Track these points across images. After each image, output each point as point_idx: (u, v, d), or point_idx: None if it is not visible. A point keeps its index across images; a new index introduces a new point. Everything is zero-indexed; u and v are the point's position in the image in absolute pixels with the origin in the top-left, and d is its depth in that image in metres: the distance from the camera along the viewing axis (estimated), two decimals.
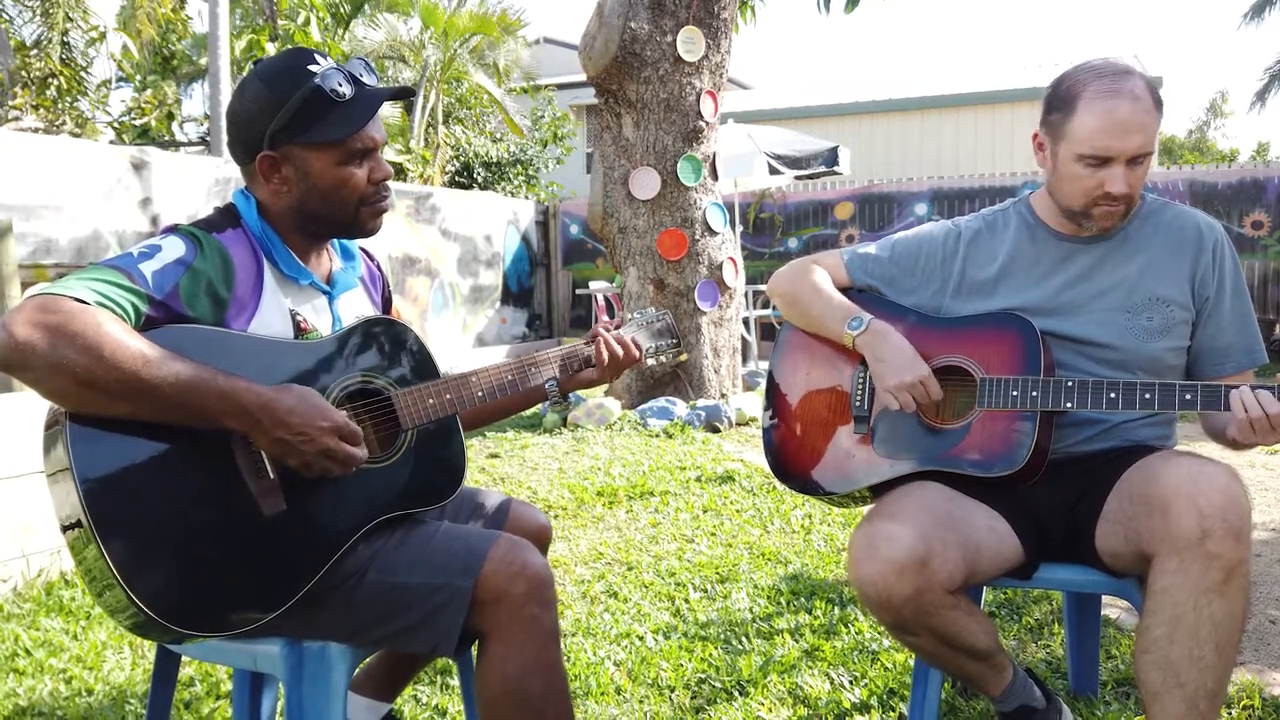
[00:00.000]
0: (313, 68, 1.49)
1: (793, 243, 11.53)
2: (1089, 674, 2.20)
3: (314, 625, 1.47)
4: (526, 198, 13.32)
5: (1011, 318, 1.83)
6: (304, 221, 1.56)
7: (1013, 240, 1.91)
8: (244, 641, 1.49)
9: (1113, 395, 1.67)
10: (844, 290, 2.00)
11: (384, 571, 1.48)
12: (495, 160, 13.80)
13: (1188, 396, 1.62)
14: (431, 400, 1.57)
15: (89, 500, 1.25)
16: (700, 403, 5.73)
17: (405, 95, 1.58)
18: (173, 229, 1.48)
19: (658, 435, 5.34)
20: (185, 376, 1.29)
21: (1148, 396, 1.65)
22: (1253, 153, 21.15)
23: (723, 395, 6.09)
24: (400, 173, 12.59)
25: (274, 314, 1.51)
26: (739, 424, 5.77)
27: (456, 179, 14.02)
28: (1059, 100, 1.77)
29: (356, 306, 1.70)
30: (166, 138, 14.96)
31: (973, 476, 1.77)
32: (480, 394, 1.64)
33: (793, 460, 1.98)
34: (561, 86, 16.78)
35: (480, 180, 13.56)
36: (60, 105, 10.04)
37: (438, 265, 10.87)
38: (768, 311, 10.00)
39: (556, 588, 1.54)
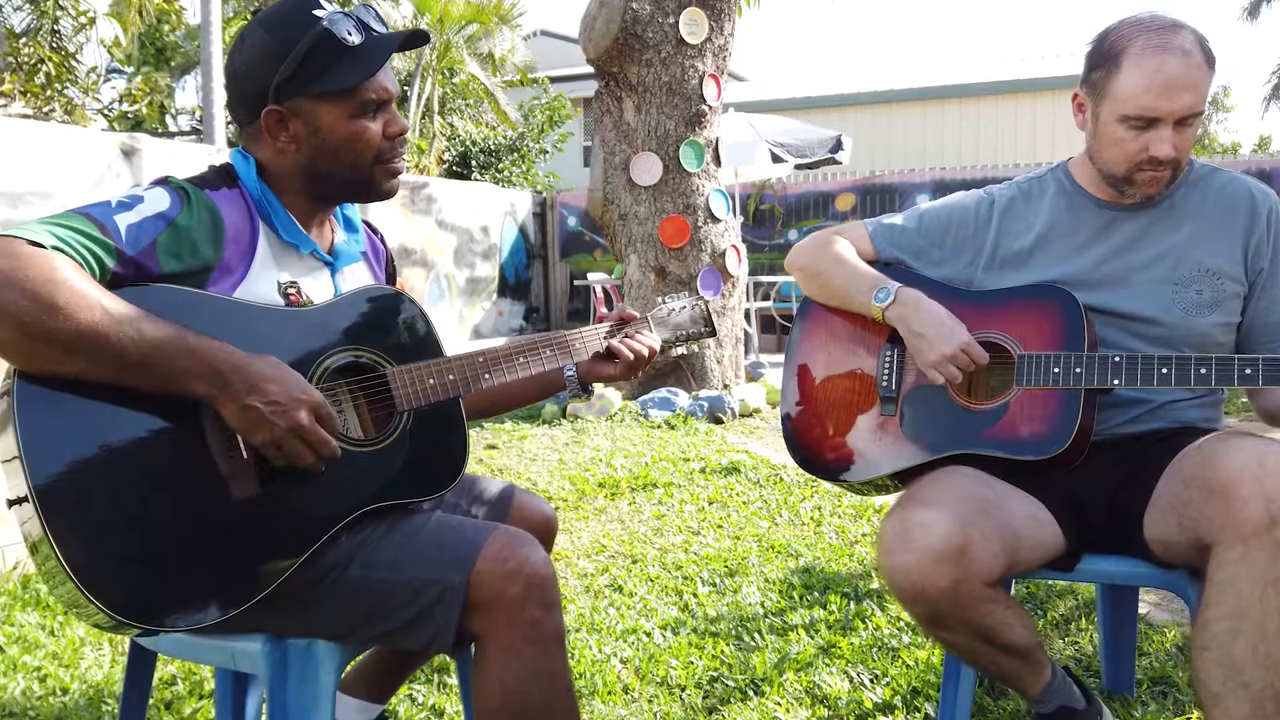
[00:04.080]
0: (318, 12, 1.36)
1: (793, 234, 11.41)
2: (1124, 672, 2.08)
3: (295, 622, 1.34)
4: (523, 189, 13.17)
5: (1051, 289, 1.70)
6: (313, 183, 1.43)
7: (1050, 208, 1.79)
8: (221, 638, 1.36)
9: (1165, 371, 1.55)
10: (870, 264, 1.88)
11: (368, 566, 1.35)
12: (491, 147, 13.64)
13: (1248, 371, 1.50)
14: (432, 380, 1.44)
15: (35, 474, 1.12)
16: (703, 393, 5.61)
17: (419, 41, 1.45)
18: (162, 181, 1.35)
19: (660, 426, 5.22)
20: (149, 331, 1.16)
21: (1204, 372, 1.52)
22: (1254, 146, 21.06)
23: (725, 386, 5.97)
24: None
25: (263, 283, 1.38)
26: (742, 415, 5.64)
27: (454, 169, 13.86)
28: (1102, 56, 1.64)
29: (360, 281, 1.57)
30: (159, 129, 14.78)
31: (1009, 460, 1.64)
32: (488, 376, 1.50)
33: (814, 445, 1.86)
34: (558, 79, 16.62)
35: (476, 166, 13.41)
36: (50, 92, 9.88)
37: (434, 256, 10.74)
38: (768, 304, 9.87)
39: (559, 581, 1.41)
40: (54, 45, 10.39)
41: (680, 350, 1.80)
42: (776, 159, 8.22)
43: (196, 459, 1.24)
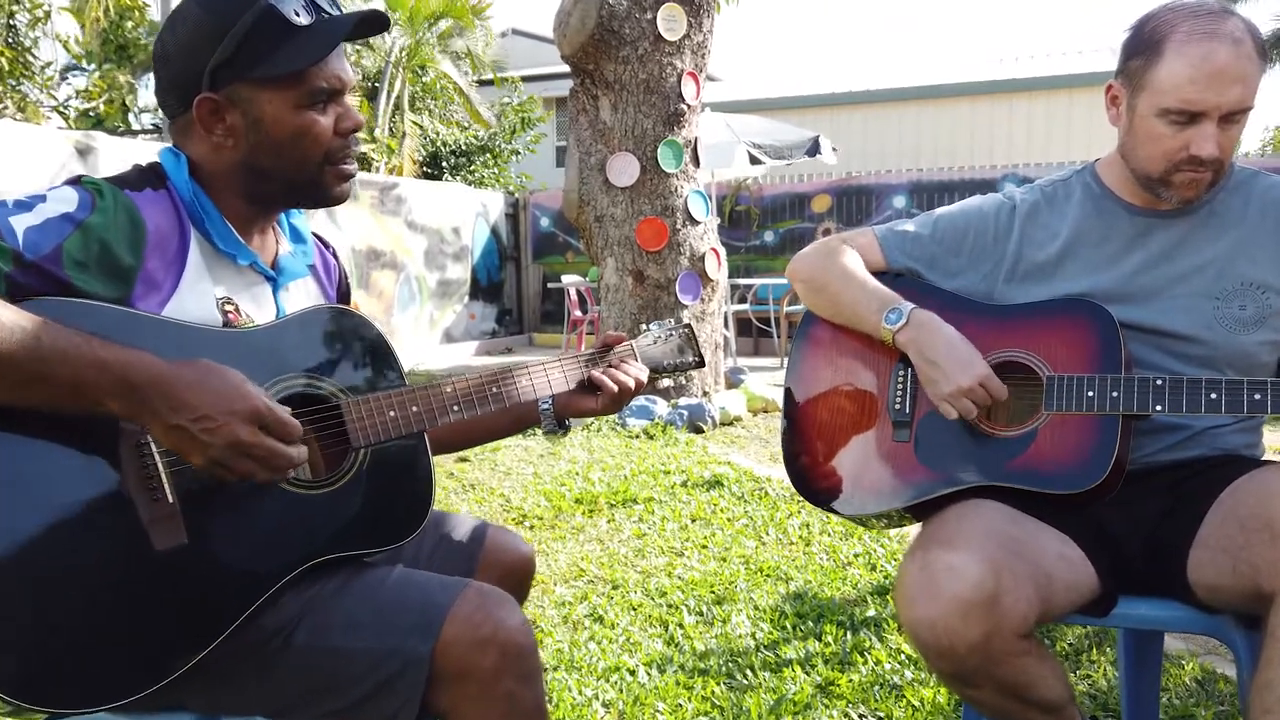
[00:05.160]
0: None
1: (769, 236, 11.27)
2: (1148, 713, 1.92)
3: (230, 697, 1.15)
4: (496, 189, 12.94)
5: (1082, 304, 1.54)
6: (252, 183, 1.23)
7: (1077, 214, 1.63)
8: (143, 717, 1.17)
9: (1214, 396, 1.39)
10: (878, 275, 1.71)
11: (318, 631, 1.16)
12: (462, 148, 13.40)
13: None
14: (393, 413, 1.25)
15: None
16: (682, 401, 5.43)
17: (377, 25, 1.27)
18: (74, 180, 1.16)
19: (638, 436, 5.04)
20: (49, 341, 0.97)
21: (1258, 398, 1.37)
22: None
23: (705, 394, 5.80)
24: (365, 163, 12.16)
25: (197, 299, 1.19)
26: (723, 424, 5.48)
27: (425, 169, 13.61)
28: (1142, 43, 1.48)
29: (306, 299, 1.38)
30: (121, 127, 14.40)
31: (1036, 493, 1.48)
32: (455, 408, 1.32)
33: (818, 474, 1.69)
34: (530, 79, 16.40)
35: (448, 167, 13.15)
36: (2, 88, 9.52)
37: (404, 258, 10.48)
38: (745, 306, 9.72)
39: (534, 611, 1.23)
40: (8, 41, 10.03)
41: (666, 383, 1.62)
42: (754, 160, 8.06)
43: (110, 502, 1.05)
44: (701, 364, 1.73)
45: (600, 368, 1.52)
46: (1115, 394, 1.45)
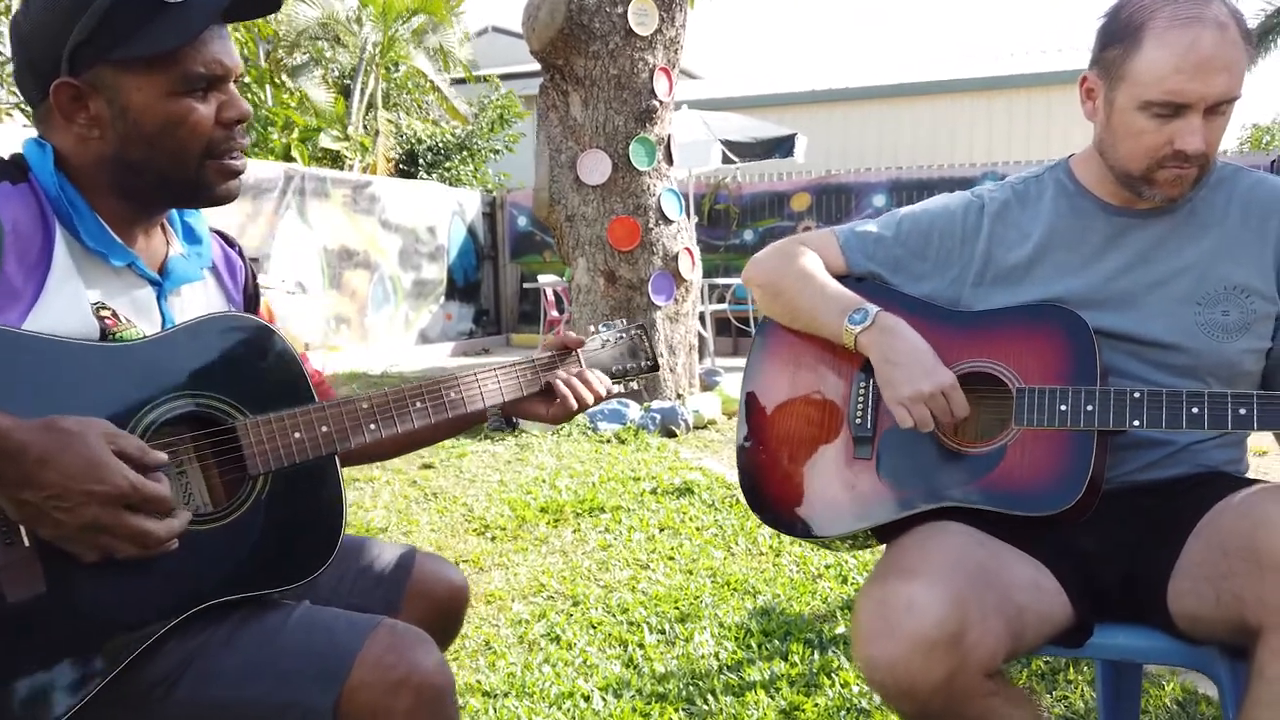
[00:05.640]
0: None
1: (748, 235, 11.18)
2: None
3: None
4: (473, 188, 12.78)
5: (1054, 310, 1.44)
6: (125, 179, 1.10)
7: (1050, 214, 1.52)
8: None
9: (1195, 410, 1.29)
10: (840, 279, 1.60)
11: (205, 682, 1.03)
12: (439, 145, 13.22)
13: None
14: (299, 434, 1.13)
15: None
16: (655, 405, 5.32)
17: (265, 6, 1.14)
18: None
19: (609, 441, 4.91)
20: None
21: (1243, 412, 1.26)
22: None
23: (679, 396, 5.69)
24: (338, 161, 11.97)
25: (66, 305, 1.06)
26: (697, 427, 5.36)
27: (400, 167, 13.43)
28: (1119, 31, 1.37)
29: (201, 305, 1.24)
30: None
31: (1006, 515, 1.37)
32: (372, 425, 1.19)
33: (775, 494, 1.57)
34: (509, 77, 16.23)
35: (425, 164, 12.97)
36: None
37: (378, 258, 10.32)
38: (723, 306, 9.62)
39: (489, 630, 1.11)
40: None
41: (617, 389, 1.49)
42: (728, 159, 7.95)
43: None
44: (655, 368, 1.61)
45: (561, 374, 1.40)
46: (1090, 408, 1.34)
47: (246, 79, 10.62)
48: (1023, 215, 1.54)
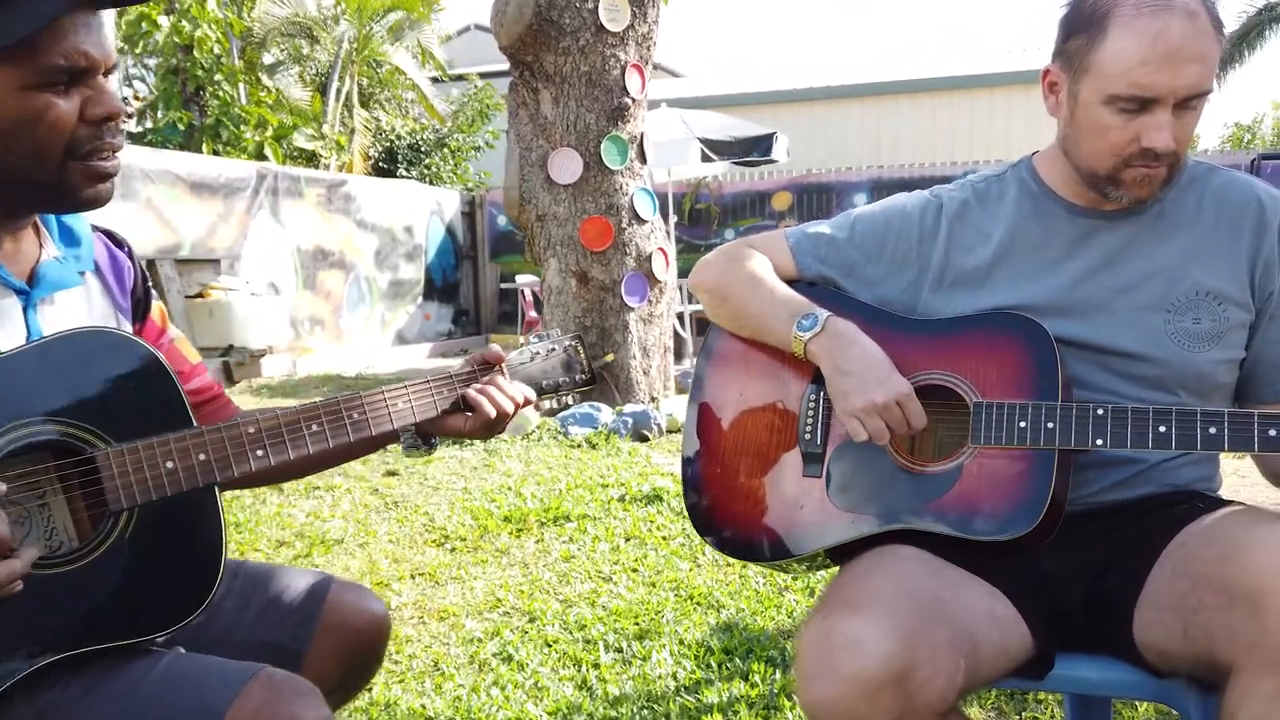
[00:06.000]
0: None
1: (730, 234, 11.09)
2: None
3: None
4: (452, 187, 12.64)
5: (1014, 319, 1.34)
6: None
7: (1012, 215, 1.43)
8: None
9: (1162, 429, 1.19)
10: (790, 283, 1.50)
11: None
12: (418, 143, 13.08)
13: (1272, 433, 1.14)
14: (171, 464, 1.01)
15: None
16: (627, 408, 5.21)
17: None
18: None
19: (579, 446, 4.81)
20: None
21: (1213, 432, 1.17)
22: None
23: (652, 399, 5.58)
24: (313, 159, 11.81)
25: None
26: (670, 431, 5.25)
27: (380, 165, 13.27)
28: (1082, 19, 1.28)
29: (80, 314, 1.13)
30: None
31: (963, 539, 1.28)
32: (260, 451, 1.08)
33: (720, 513, 1.47)
34: (489, 75, 16.10)
35: (403, 162, 12.83)
36: None
37: (353, 258, 10.17)
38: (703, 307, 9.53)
39: (439, 650, 1.00)
40: None
41: (547, 404, 1.39)
42: (707, 158, 7.86)
43: None
44: (591, 382, 1.50)
45: (478, 386, 1.30)
46: (1051, 425, 1.25)
47: (218, 76, 10.46)
48: (983, 216, 1.45)
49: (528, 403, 1.31)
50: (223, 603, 1.25)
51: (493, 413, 1.28)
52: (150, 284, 1.23)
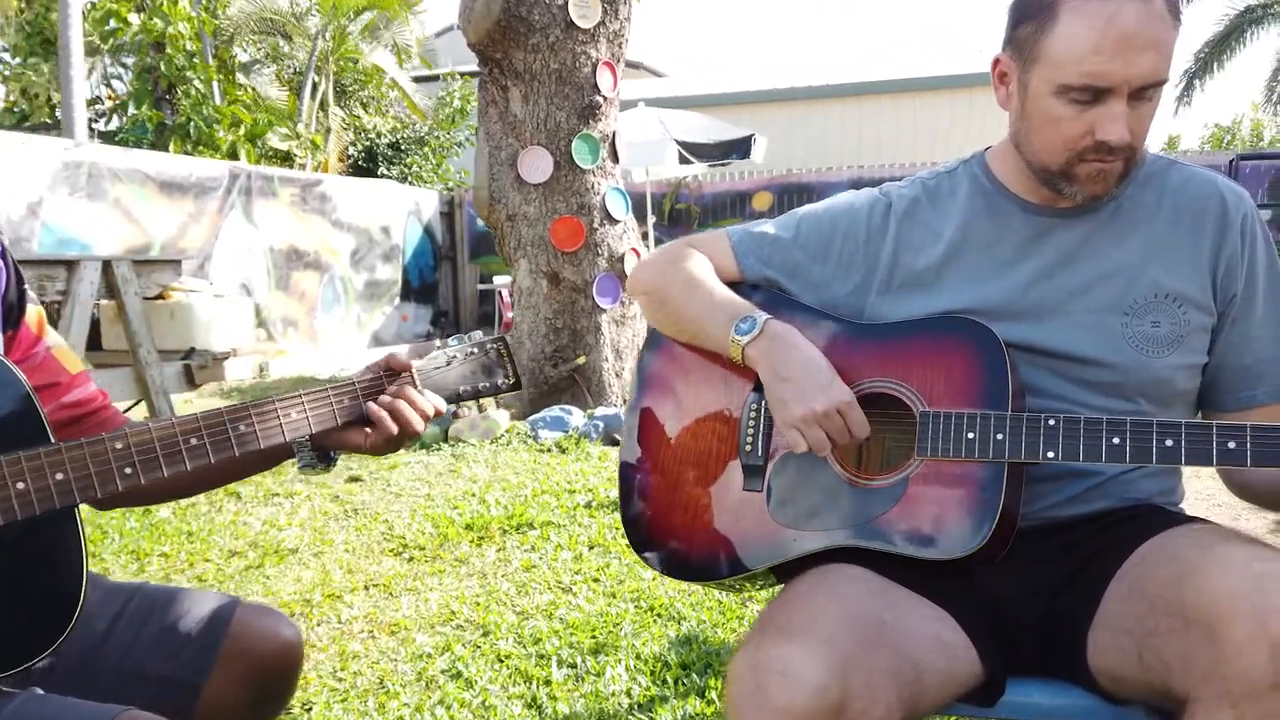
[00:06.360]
0: None
1: None
2: None
3: None
4: (432, 186, 12.53)
5: (963, 323, 1.27)
6: None
7: (963, 213, 1.35)
8: None
9: (1116, 441, 1.12)
10: (733, 286, 1.42)
11: None
12: (397, 141, 12.95)
13: (1231, 445, 1.07)
14: (21, 485, 0.92)
15: None
16: (599, 411, 5.13)
17: None
18: None
19: (549, 450, 4.72)
20: None
21: (1169, 444, 1.10)
22: (1163, 145, 21.39)
23: (625, 402, 5.49)
24: (287, 159, 11.67)
25: None
26: None
27: (359, 165, 13.14)
28: (1033, 5, 1.20)
29: None
30: (48, 121, 13.71)
31: (909, 557, 1.20)
32: (128, 469, 0.99)
33: (656, 529, 1.39)
34: (472, 74, 15.98)
35: (383, 160, 12.70)
36: None
37: (328, 258, 10.06)
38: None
39: (386, 666, 0.92)
40: None
41: (466, 411, 1.30)
42: (684, 159, 7.78)
43: None
44: (517, 386, 1.39)
45: (384, 397, 1.21)
46: (1000, 437, 1.17)
47: (191, 74, 10.31)
48: (933, 214, 1.37)
49: (438, 414, 1.22)
50: (113, 627, 1.17)
51: (394, 429, 1.18)
52: (25, 287, 1.14)
